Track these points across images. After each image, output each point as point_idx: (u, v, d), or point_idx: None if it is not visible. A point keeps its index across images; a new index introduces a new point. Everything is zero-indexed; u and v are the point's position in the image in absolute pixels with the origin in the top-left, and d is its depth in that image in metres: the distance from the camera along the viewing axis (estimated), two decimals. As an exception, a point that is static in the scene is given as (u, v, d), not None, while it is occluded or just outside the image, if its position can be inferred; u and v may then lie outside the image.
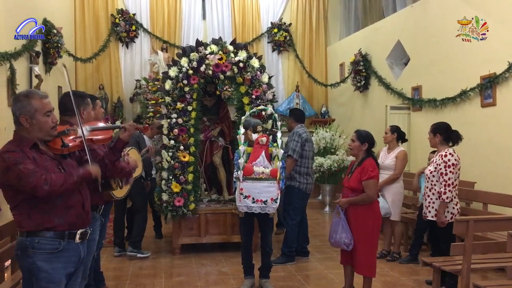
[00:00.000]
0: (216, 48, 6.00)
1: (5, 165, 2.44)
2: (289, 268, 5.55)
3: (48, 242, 2.52)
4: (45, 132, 2.59)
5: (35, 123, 2.55)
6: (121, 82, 11.00)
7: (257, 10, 11.72)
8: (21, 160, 2.44)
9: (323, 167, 9.09)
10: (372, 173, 4.13)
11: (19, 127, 2.58)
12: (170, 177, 5.92)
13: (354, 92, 10.10)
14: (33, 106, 2.54)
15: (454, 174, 4.62)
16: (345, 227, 4.16)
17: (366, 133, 4.33)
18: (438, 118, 7.31)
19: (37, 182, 2.41)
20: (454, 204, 4.70)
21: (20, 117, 2.53)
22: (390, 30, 8.88)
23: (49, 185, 2.42)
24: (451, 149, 4.75)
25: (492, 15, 6.17)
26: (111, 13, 10.86)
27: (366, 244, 4.15)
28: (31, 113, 2.54)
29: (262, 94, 6.08)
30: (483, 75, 6.30)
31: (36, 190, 2.42)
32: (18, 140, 2.55)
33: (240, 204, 4.57)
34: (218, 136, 6.54)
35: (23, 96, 2.58)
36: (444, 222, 4.60)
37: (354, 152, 4.32)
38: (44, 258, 2.51)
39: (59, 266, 2.55)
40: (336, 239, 4.21)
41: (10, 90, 6.24)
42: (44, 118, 2.57)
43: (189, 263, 5.76)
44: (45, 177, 2.43)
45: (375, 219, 4.22)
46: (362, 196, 4.13)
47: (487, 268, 4.71)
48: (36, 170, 2.43)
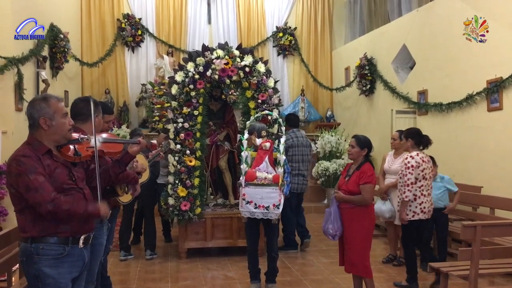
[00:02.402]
0: (222, 53, 6.02)
1: (18, 170, 2.44)
2: (295, 273, 5.55)
3: (52, 247, 2.53)
4: (63, 134, 2.61)
5: (54, 124, 2.56)
6: (127, 87, 11.07)
7: (262, 15, 11.76)
8: (34, 169, 2.44)
9: (328, 171, 9.09)
10: (369, 178, 4.21)
11: (37, 131, 2.57)
12: (176, 182, 5.93)
13: (359, 96, 10.10)
14: (52, 108, 2.56)
15: (413, 175, 4.81)
16: (334, 219, 4.23)
17: (365, 139, 4.39)
18: (444, 122, 7.32)
19: (42, 199, 2.41)
20: (418, 203, 4.86)
21: (40, 120, 2.53)
22: (396, 34, 8.88)
23: (54, 206, 2.43)
24: (414, 152, 4.92)
25: (499, 19, 6.17)
26: (117, 17, 10.94)
27: (362, 245, 4.22)
28: (50, 114, 2.55)
29: (268, 99, 6.09)
30: (490, 79, 6.29)
31: (39, 206, 2.42)
32: (34, 144, 2.55)
33: (243, 209, 4.58)
34: (224, 141, 6.54)
35: (41, 99, 2.60)
36: (404, 219, 4.83)
37: (354, 157, 4.38)
38: (49, 264, 2.51)
39: (64, 271, 2.56)
40: (324, 228, 4.32)
41: (17, 94, 6.29)
42: (62, 120, 2.60)
43: (195, 267, 5.76)
44: (53, 197, 2.43)
45: (370, 222, 4.30)
46: (358, 198, 4.20)
47: (495, 274, 4.69)
48: (44, 186, 2.43)
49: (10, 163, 2.51)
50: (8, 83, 6.16)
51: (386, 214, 5.77)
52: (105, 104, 3.94)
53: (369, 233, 4.27)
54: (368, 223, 4.26)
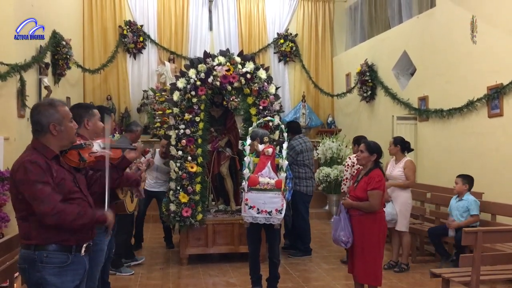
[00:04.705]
0: (224, 60, 6.05)
1: (25, 178, 2.41)
2: (296, 279, 5.54)
3: (57, 256, 2.50)
4: (71, 139, 2.62)
5: (63, 130, 2.55)
6: (128, 93, 11.11)
7: (263, 21, 11.82)
8: (41, 178, 2.41)
9: (329, 177, 9.09)
10: (378, 184, 4.14)
11: (44, 136, 2.54)
12: (178, 188, 5.94)
13: (360, 102, 10.12)
14: (60, 114, 2.56)
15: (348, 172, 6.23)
16: (344, 226, 4.17)
17: (375, 144, 4.34)
18: (445, 128, 7.34)
19: (46, 210, 2.39)
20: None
21: (50, 126, 2.51)
22: (396, 40, 8.91)
23: (58, 218, 2.41)
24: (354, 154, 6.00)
25: (499, 25, 6.20)
26: (119, 24, 11.00)
27: (372, 253, 4.14)
28: (59, 120, 2.54)
29: (269, 105, 6.12)
30: (490, 86, 6.30)
31: (44, 217, 2.41)
32: (41, 149, 2.52)
33: (245, 214, 4.59)
34: (225, 147, 6.55)
35: (48, 105, 2.58)
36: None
37: (362, 162, 4.33)
38: (53, 272, 2.49)
39: (68, 279, 2.55)
40: (335, 236, 4.24)
41: (20, 101, 6.32)
42: (70, 125, 2.60)
43: (197, 274, 5.76)
44: (58, 209, 2.41)
45: (380, 229, 4.22)
46: (366, 204, 4.13)
47: (496, 280, 4.68)
48: (51, 197, 2.40)
49: (17, 168, 2.46)
50: (11, 89, 6.18)
51: (386, 217, 5.74)
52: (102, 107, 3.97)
53: (380, 240, 4.17)
54: (379, 230, 4.17)
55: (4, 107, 6.13)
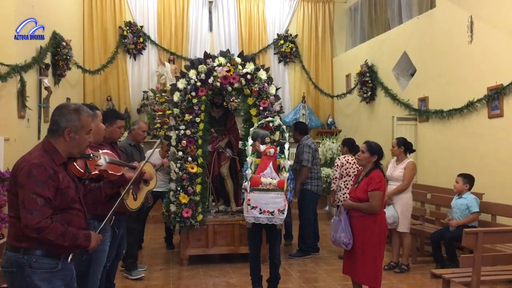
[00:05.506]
0: (224, 60, 6.05)
1: (25, 182, 2.35)
2: (297, 280, 5.55)
3: (47, 261, 2.43)
4: (81, 150, 2.59)
5: (77, 139, 2.52)
6: (128, 94, 11.09)
7: (264, 22, 11.82)
8: (41, 186, 2.33)
9: (329, 178, 9.09)
10: (378, 184, 4.13)
11: (57, 139, 2.50)
12: (178, 188, 5.94)
13: (360, 103, 10.12)
14: (81, 122, 2.52)
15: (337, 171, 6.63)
16: (344, 227, 4.16)
17: (376, 145, 4.33)
18: (445, 129, 7.34)
19: (30, 222, 2.30)
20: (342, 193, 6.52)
21: (66, 130, 2.48)
22: (396, 41, 8.92)
23: (38, 233, 2.31)
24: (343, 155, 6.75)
25: (499, 26, 6.21)
26: (119, 25, 10.98)
27: (372, 254, 4.14)
28: (77, 128, 2.51)
29: (270, 106, 6.13)
30: (490, 86, 6.31)
31: (25, 228, 2.32)
32: (51, 152, 2.48)
33: (248, 214, 4.59)
34: (226, 147, 6.56)
35: (73, 110, 2.54)
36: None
37: (363, 163, 4.33)
38: (43, 278, 2.41)
39: (57, 283, 2.47)
40: (336, 237, 4.23)
41: (20, 102, 6.32)
42: (85, 136, 2.57)
43: (197, 274, 5.76)
44: (41, 225, 2.30)
45: (381, 230, 4.21)
46: (366, 205, 4.12)
47: (497, 280, 4.68)
48: (40, 210, 2.31)
49: (22, 168, 2.38)
50: (11, 90, 6.18)
51: (388, 219, 5.76)
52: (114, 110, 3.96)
53: (380, 241, 4.16)
54: (379, 231, 4.16)
55: (4, 108, 6.13)
